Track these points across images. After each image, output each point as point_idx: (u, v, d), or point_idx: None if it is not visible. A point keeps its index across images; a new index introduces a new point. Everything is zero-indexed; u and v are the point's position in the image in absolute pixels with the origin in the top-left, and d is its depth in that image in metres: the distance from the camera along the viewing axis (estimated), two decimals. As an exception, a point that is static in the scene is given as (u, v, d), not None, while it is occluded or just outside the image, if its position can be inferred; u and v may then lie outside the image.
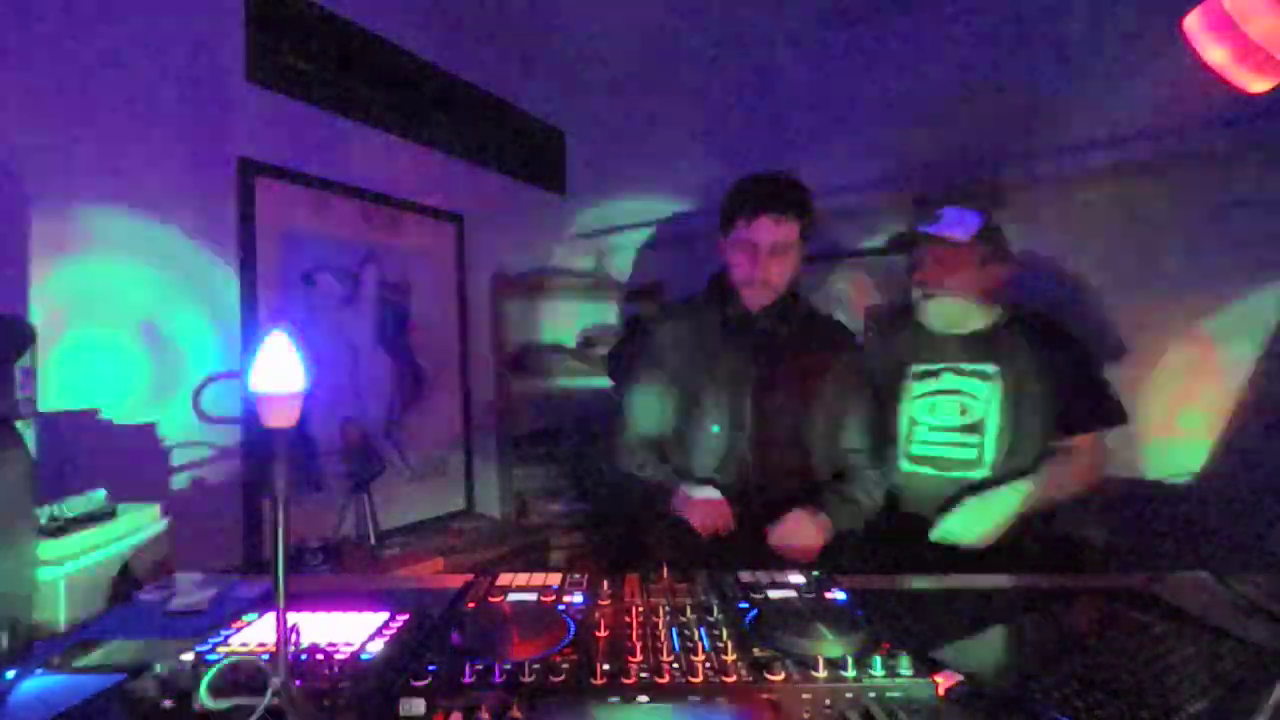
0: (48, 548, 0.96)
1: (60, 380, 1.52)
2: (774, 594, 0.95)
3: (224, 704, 0.65)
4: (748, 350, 1.37)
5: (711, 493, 1.32)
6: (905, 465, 1.55)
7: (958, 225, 1.47)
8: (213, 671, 0.66)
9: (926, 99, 2.52)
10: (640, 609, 0.89)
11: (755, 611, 0.87)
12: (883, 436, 1.51)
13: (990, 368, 1.49)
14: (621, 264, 3.24)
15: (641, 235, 3.16)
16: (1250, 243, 1.95)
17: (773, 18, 2.66)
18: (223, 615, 0.95)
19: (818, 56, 2.78)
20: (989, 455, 1.47)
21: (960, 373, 1.52)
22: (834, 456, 1.43)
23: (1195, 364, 2.03)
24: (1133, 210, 2.13)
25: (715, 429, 1.36)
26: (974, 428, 1.49)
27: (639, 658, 0.74)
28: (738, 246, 1.33)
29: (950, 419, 1.52)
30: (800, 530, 1.26)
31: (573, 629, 0.82)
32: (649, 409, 1.43)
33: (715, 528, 1.29)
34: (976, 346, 1.52)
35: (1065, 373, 1.48)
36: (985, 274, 1.50)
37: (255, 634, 0.83)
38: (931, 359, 1.56)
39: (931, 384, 1.55)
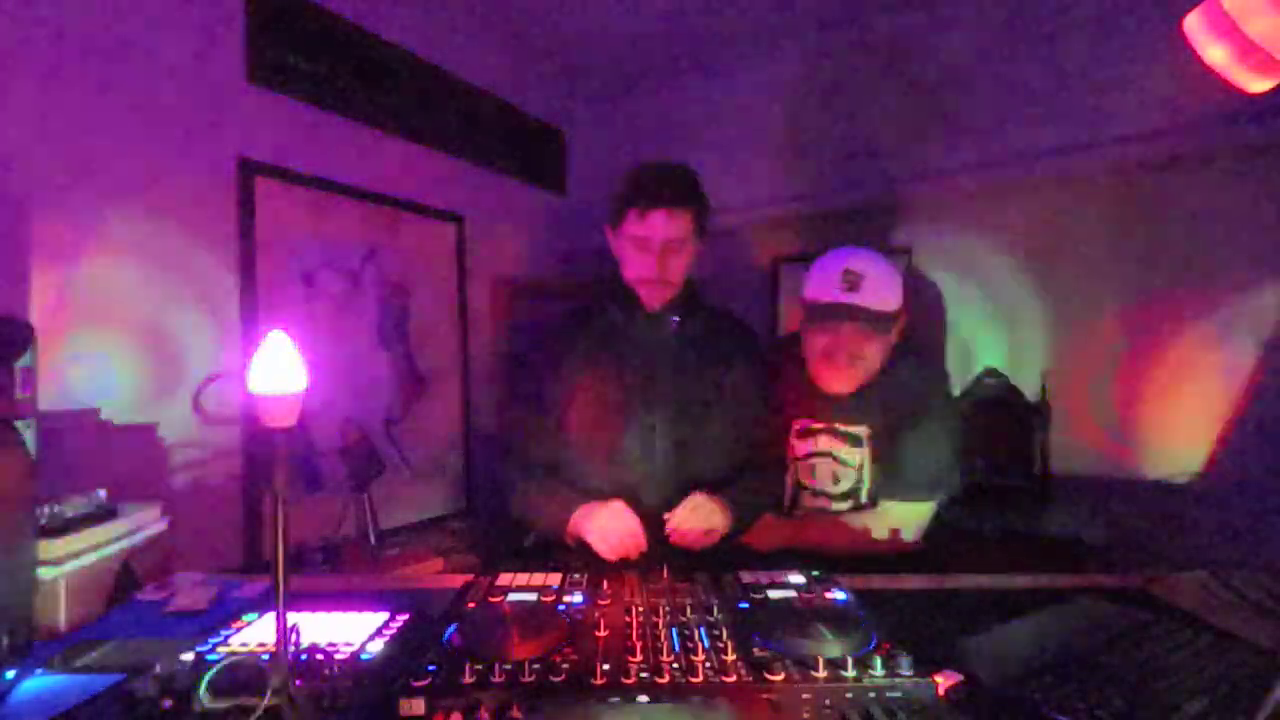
0: (48, 548, 0.96)
1: (60, 380, 1.52)
2: (774, 594, 0.95)
3: (224, 704, 0.65)
4: (652, 351, 1.28)
5: (616, 519, 1.17)
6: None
7: (885, 292, 1.32)
8: (213, 671, 0.66)
9: (926, 99, 2.52)
10: (640, 609, 0.89)
11: (755, 611, 0.87)
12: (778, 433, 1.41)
13: (862, 430, 1.39)
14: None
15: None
16: (1250, 242, 1.95)
17: (773, 15, 2.65)
18: (223, 615, 0.95)
19: (817, 54, 2.78)
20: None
21: (835, 435, 1.41)
22: (740, 455, 1.33)
23: (1195, 364, 2.03)
24: (1132, 210, 2.13)
25: (626, 438, 1.25)
26: (847, 494, 1.40)
27: (639, 658, 0.74)
28: (631, 243, 1.24)
29: (824, 483, 1.43)
30: (699, 514, 1.17)
31: (573, 629, 0.82)
32: (548, 426, 1.30)
33: (624, 553, 1.16)
34: (853, 404, 1.40)
35: (922, 437, 1.36)
36: (897, 332, 1.39)
37: (255, 634, 0.83)
38: (814, 416, 1.44)
39: (811, 445, 1.44)
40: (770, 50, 2.87)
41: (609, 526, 1.17)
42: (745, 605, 0.89)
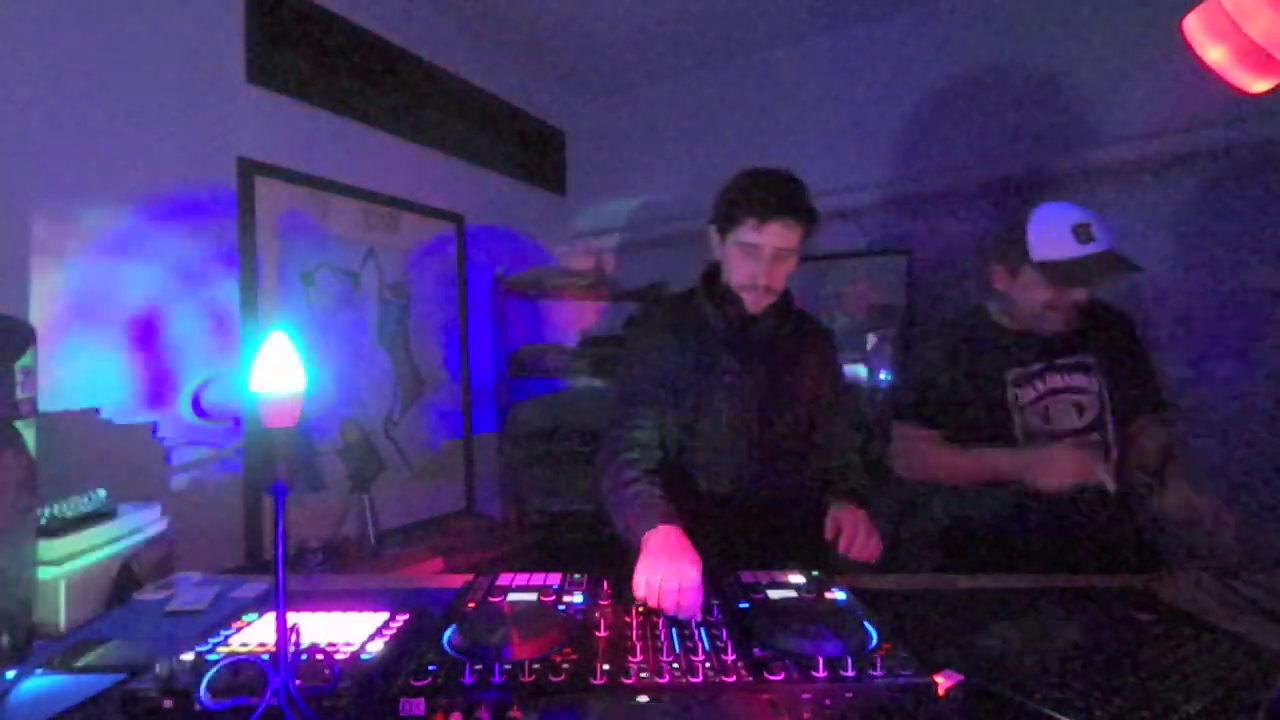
0: (48, 548, 0.96)
1: (60, 380, 1.52)
2: (774, 594, 0.95)
3: (224, 704, 0.65)
4: (750, 354, 1.32)
5: (685, 572, 0.93)
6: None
7: (1111, 236, 1.32)
8: (213, 671, 0.66)
9: (926, 99, 2.52)
10: (640, 609, 0.89)
11: (755, 611, 0.87)
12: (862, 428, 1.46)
13: (1089, 358, 1.40)
14: (621, 264, 3.24)
15: (642, 235, 3.17)
16: (1252, 241, 1.95)
17: (773, 15, 2.65)
18: (223, 615, 0.95)
19: (817, 54, 2.78)
20: (1112, 456, 1.36)
21: (1062, 369, 1.40)
22: (830, 454, 1.40)
23: (1195, 363, 2.03)
24: (1131, 209, 2.13)
25: (721, 437, 1.29)
26: (1090, 427, 1.37)
27: (639, 658, 0.74)
28: (742, 249, 1.25)
29: (1068, 421, 1.38)
30: (864, 527, 1.15)
31: (573, 629, 0.82)
32: (650, 416, 1.29)
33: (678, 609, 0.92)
34: (1066, 339, 1.40)
35: (1137, 357, 1.43)
36: None
37: (255, 634, 0.83)
38: (1026, 360, 1.41)
39: (1037, 386, 1.40)
40: (770, 51, 2.87)
41: (666, 584, 0.93)
42: (745, 605, 0.89)
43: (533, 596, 0.94)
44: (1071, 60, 2.22)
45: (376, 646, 0.79)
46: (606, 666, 0.71)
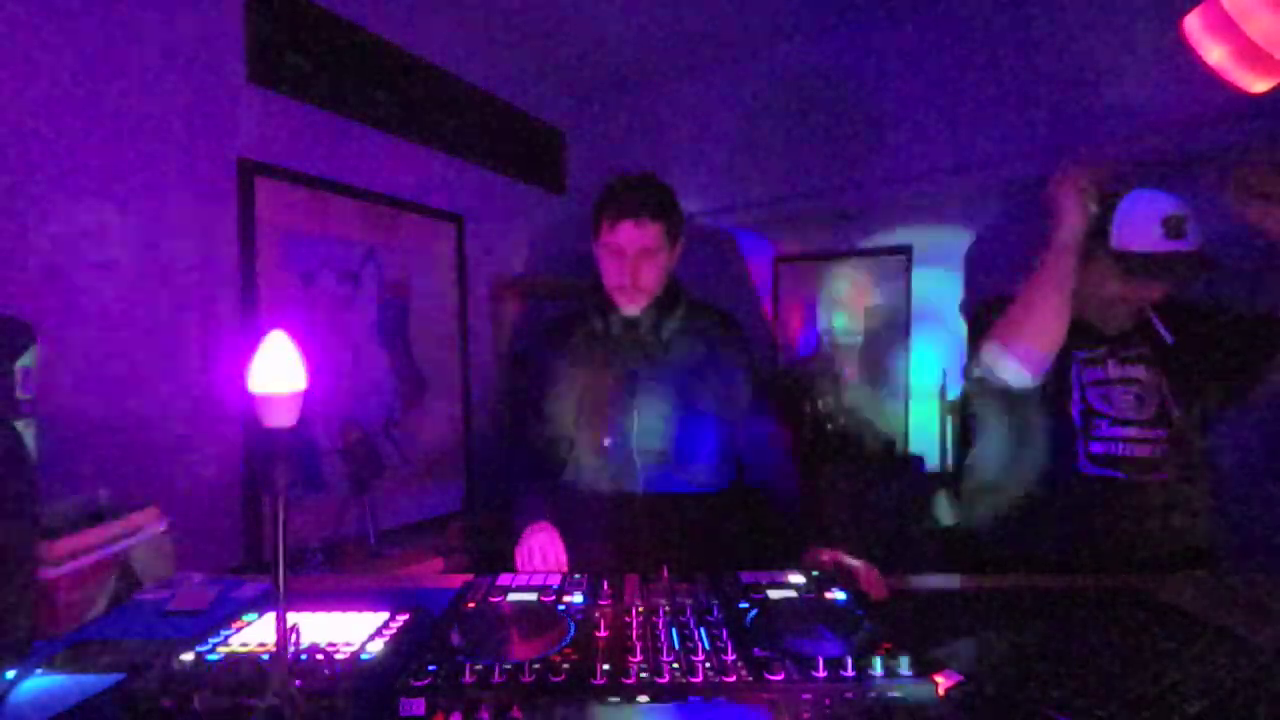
0: (48, 548, 0.96)
1: (60, 380, 1.52)
2: (774, 594, 0.95)
3: (224, 704, 0.65)
4: (631, 353, 1.34)
5: (536, 537, 1.22)
6: (1085, 467, 1.27)
7: (1201, 234, 1.24)
8: (213, 671, 0.66)
9: (929, 98, 2.52)
10: (640, 609, 0.89)
11: (755, 611, 0.87)
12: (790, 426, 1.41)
13: (1150, 352, 1.31)
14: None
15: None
16: (1249, 242, 1.95)
17: (772, 15, 2.66)
18: (223, 615, 0.95)
19: (817, 54, 2.78)
20: (1172, 452, 1.28)
21: (1125, 359, 1.31)
22: (741, 453, 1.38)
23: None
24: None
25: (605, 441, 1.31)
26: (1154, 421, 1.27)
27: (639, 658, 0.74)
28: (606, 252, 1.32)
29: (1127, 410, 1.29)
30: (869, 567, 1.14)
31: (573, 629, 0.82)
32: (537, 429, 1.38)
33: (543, 564, 1.19)
34: (1131, 332, 1.33)
35: (1225, 338, 1.29)
36: None
37: (255, 634, 0.83)
38: (1091, 345, 1.33)
39: (1099, 371, 1.32)
40: (770, 50, 2.87)
41: (529, 546, 1.21)
42: (745, 605, 0.89)
43: (533, 596, 0.94)
44: (1077, 59, 2.22)
45: (376, 646, 0.79)
46: (606, 666, 0.71)
